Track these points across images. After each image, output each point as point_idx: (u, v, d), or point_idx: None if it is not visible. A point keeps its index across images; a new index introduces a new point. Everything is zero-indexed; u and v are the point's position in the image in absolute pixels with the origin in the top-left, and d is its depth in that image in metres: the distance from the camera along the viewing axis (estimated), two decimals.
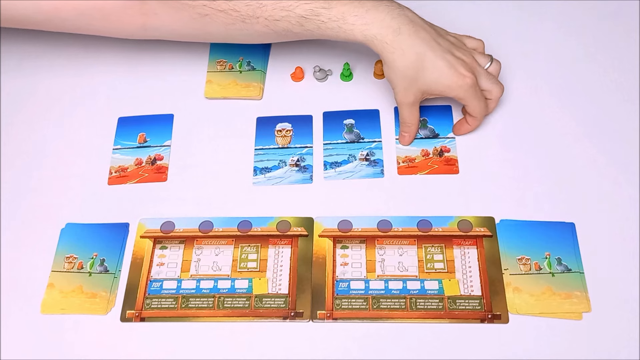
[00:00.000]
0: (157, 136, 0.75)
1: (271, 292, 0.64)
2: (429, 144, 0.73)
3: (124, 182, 0.72)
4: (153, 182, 0.72)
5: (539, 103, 0.75)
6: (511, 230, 0.66)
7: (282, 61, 0.81)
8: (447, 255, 0.65)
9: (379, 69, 0.77)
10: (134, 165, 0.73)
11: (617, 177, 0.69)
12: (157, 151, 0.74)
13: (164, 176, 0.72)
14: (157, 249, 0.68)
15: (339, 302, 0.63)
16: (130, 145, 0.75)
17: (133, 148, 0.75)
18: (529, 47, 0.80)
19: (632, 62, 0.78)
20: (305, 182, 0.71)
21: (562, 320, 0.61)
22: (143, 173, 0.73)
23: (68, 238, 0.68)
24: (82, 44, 0.83)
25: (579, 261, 0.64)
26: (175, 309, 0.64)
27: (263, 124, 0.76)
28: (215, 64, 0.81)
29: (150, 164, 0.73)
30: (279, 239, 0.67)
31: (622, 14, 0.82)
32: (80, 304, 0.64)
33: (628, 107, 0.74)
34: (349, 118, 0.75)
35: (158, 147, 0.75)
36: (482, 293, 0.63)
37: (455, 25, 0.78)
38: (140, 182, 0.72)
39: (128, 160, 0.74)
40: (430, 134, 0.73)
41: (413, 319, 0.62)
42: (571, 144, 0.72)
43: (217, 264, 0.66)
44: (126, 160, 0.74)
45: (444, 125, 0.74)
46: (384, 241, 0.67)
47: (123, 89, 0.80)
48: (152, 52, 0.83)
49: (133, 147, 0.75)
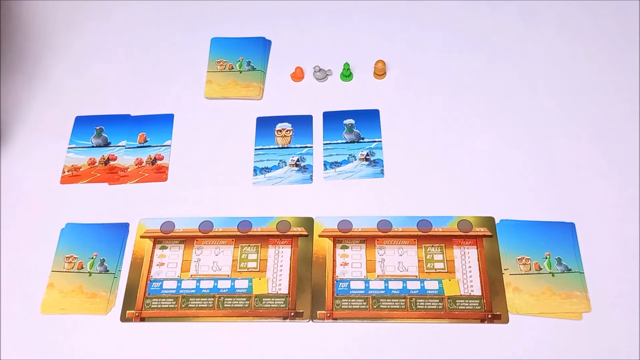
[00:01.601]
0: (157, 136, 0.75)
1: (271, 292, 0.64)
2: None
3: (124, 182, 0.72)
4: (153, 182, 0.72)
5: (539, 103, 0.75)
6: (511, 230, 0.66)
7: (282, 61, 0.81)
8: (447, 255, 0.65)
9: (379, 69, 0.77)
10: (134, 165, 0.73)
11: (617, 177, 0.69)
12: (158, 151, 0.74)
13: (164, 176, 0.72)
14: (157, 249, 0.67)
15: (339, 302, 0.63)
16: (131, 146, 0.75)
17: (134, 148, 0.75)
18: (529, 47, 0.80)
19: (632, 62, 0.78)
20: (305, 182, 0.71)
21: (562, 320, 0.61)
22: (143, 173, 0.73)
23: (68, 238, 0.68)
24: (82, 43, 0.83)
25: (579, 261, 0.64)
26: (175, 309, 0.64)
27: (263, 124, 0.76)
28: (215, 64, 0.81)
29: (150, 164, 0.73)
30: (279, 239, 0.67)
31: (622, 14, 0.82)
32: (80, 304, 0.64)
33: (628, 107, 0.74)
34: (349, 118, 0.75)
35: (158, 147, 0.75)
36: (482, 293, 0.63)
37: (456, 25, 0.79)
38: (140, 182, 0.72)
39: (128, 160, 0.74)
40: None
41: (413, 319, 0.62)
42: (571, 144, 0.72)
43: (217, 264, 0.66)
44: (128, 160, 0.74)
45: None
46: (384, 241, 0.67)
47: (122, 89, 0.80)
48: (152, 52, 0.83)
49: (133, 147, 0.75)
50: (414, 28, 0.83)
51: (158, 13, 0.86)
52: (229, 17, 0.85)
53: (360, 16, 0.84)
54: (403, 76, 0.79)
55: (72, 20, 0.86)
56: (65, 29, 0.85)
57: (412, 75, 0.79)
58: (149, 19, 0.86)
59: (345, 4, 0.85)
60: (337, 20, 0.84)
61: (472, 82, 0.78)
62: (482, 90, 0.77)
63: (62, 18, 0.86)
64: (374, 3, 0.85)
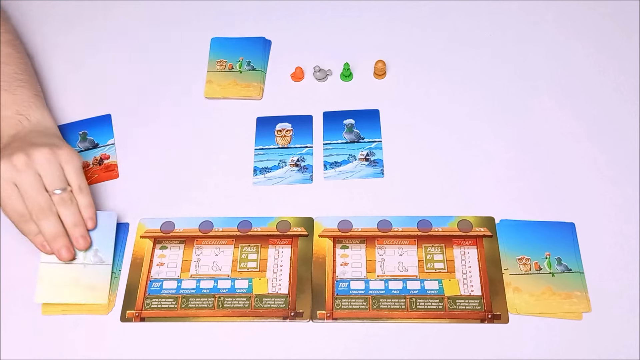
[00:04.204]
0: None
1: (271, 292, 0.64)
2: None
3: None
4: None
5: (539, 103, 0.75)
6: (511, 230, 0.66)
7: (282, 61, 0.81)
8: (447, 255, 0.65)
9: (379, 69, 0.77)
10: None
11: (617, 177, 0.69)
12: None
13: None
14: (157, 249, 0.68)
15: (339, 302, 0.63)
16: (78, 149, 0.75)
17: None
18: (529, 47, 0.80)
19: (632, 62, 0.78)
20: (305, 182, 0.71)
21: (562, 320, 0.61)
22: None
23: None
24: (82, 44, 0.83)
25: (579, 261, 0.64)
26: (175, 309, 0.64)
27: (263, 124, 0.76)
28: (215, 64, 0.81)
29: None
30: (279, 239, 0.67)
31: (622, 14, 0.82)
32: (81, 294, 0.63)
33: (628, 107, 0.74)
34: (349, 118, 0.75)
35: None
36: (482, 293, 0.63)
37: (456, 25, 0.79)
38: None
39: None
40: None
41: (413, 319, 0.62)
42: (571, 144, 0.72)
43: (217, 264, 0.66)
44: None
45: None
46: (384, 241, 0.67)
47: (123, 89, 0.80)
48: (152, 52, 0.83)
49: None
50: (414, 28, 0.83)
51: (158, 13, 0.86)
52: (229, 17, 0.85)
53: (360, 16, 0.84)
54: (403, 76, 0.79)
55: (71, 20, 0.86)
56: (65, 29, 0.85)
57: (412, 75, 0.79)
58: (148, 18, 0.86)
59: (345, 4, 0.85)
60: (337, 20, 0.84)
61: (472, 82, 0.78)
62: (482, 90, 0.77)
63: (62, 18, 0.86)
64: (374, 3, 0.85)
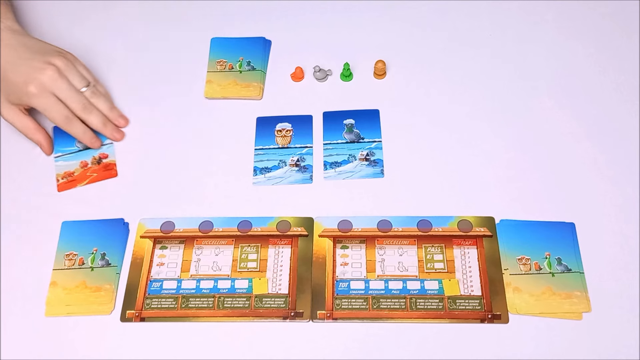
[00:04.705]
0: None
1: (271, 292, 0.64)
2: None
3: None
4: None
5: (539, 103, 0.75)
6: (511, 230, 0.66)
7: (282, 61, 0.81)
8: (447, 255, 0.65)
9: (379, 69, 0.77)
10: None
11: (617, 177, 0.69)
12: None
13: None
14: (157, 249, 0.68)
15: (339, 302, 0.63)
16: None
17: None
18: (529, 47, 0.80)
19: (632, 62, 0.78)
20: (305, 182, 0.71)
21: (562, 320, 0.61)
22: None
23: (67, 236, 0.68)
24: (81, 43, 0.83)
25: (579, 261, 0.64)
26: (175, 309, 0.64)
27: (263, 124, 0.76)
28: (215, 64, 0.81)
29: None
30: (279, 239, 0.67)
31: (622, 14, 0.82)
32: (85, 299, 0.64)
33: (628, 107, 0.74)
34: (349, 118, 0.75)
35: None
36: (482, 293, 0.63)
37: (456, 25, 0.79)
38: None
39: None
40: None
41: (413, 319, 0.62)
42: (571, 144, 0.72)
43: (217, 264, 0.66)
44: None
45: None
46: (384, 241, 0.67)
47: (122, 89, 0.80)
48: (152, 51, 0.83)
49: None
50: (414, 28, 0.83)
51: (158, 13, 0.86)
52: (229, 17, 0.85)
53: (360, 16, 0.84)
54: (403, 76, 0.79)
55: (71, 19, 0.86)
56: (65, 28, 0.85)
57: (412, 75, 0.79)
58: (148, 18, 0.86)
59: (345, 4, 0.85)
60: (337, 20, 0.84)
61: (472, 82, 0.78)
62: (482, 90, 0.77)
63: (62, 18, 0.86)
64: (374, 3, 0.85)
